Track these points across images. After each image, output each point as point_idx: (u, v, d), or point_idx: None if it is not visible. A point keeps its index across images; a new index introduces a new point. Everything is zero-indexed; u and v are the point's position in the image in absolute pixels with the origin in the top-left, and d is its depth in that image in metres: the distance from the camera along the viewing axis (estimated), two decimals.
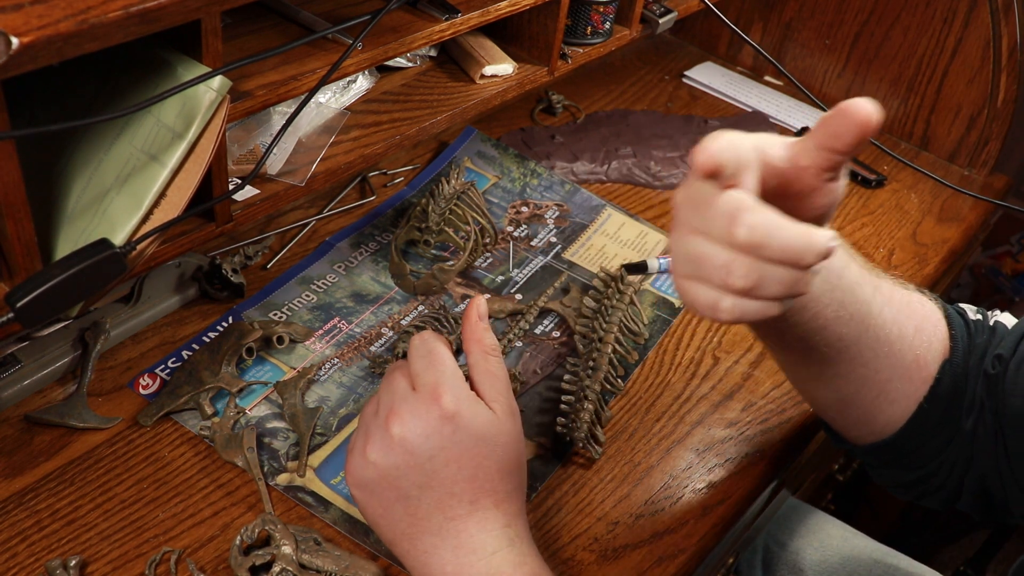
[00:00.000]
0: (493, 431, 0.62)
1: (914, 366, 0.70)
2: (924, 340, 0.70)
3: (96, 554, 0.67)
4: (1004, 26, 1.17)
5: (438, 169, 1.09)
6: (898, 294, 0.70)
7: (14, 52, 0.48)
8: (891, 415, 0.72)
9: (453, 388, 0.61)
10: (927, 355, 0.70)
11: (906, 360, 0.70)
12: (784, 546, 1.04)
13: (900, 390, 0.71)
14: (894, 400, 0.71)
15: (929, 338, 0.70)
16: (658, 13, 1.09)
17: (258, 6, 0.78)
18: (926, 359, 0.70)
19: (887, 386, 0.70)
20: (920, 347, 0.70)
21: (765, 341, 0.73)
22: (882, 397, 0.71)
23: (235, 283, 0.87)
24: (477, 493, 0.61)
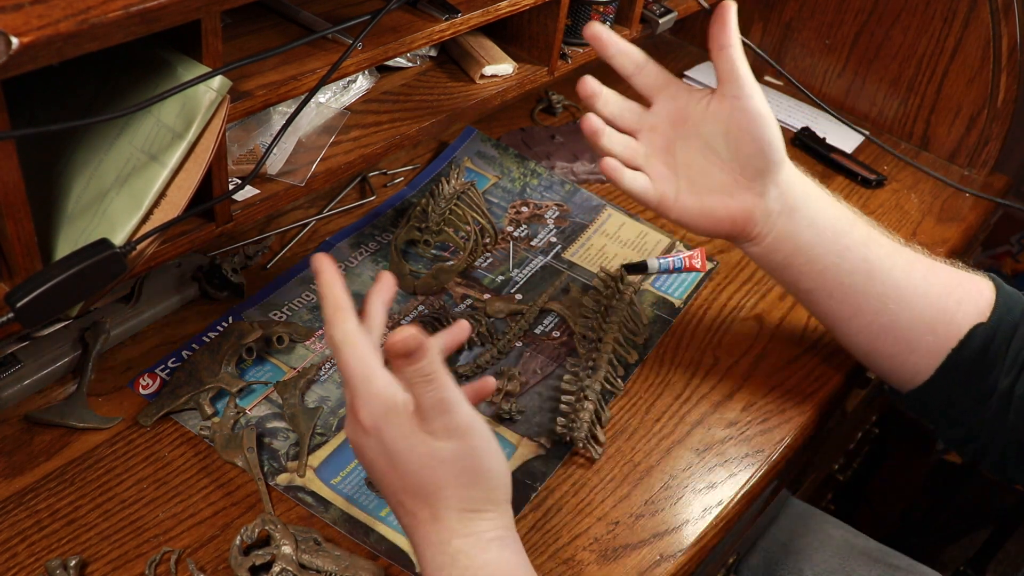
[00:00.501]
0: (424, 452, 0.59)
1: (939, 320, 0.78)
2: (954, 300, 0.78)
3: (96, 554, 0.67)
4: (1004, 26, 1.17)
5: (438, 169, 1.09)
6: (924, 261, 0.80)
7: (14, 52, 0.48)
8: (916, 363, 0.80)
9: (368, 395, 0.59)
10: (956, 313, 0.78)
11: (927, 314, 0.78)
12: (784, 546, 1.04)
13: (922, 340, 0.79)
14: (915, 349, 0.79)
15: (961, 300, 0.78)
16: (658, 13, 1.09)
17: (258, 6, 0.78)
18: (954, 316, 0.78)
19: (907, 334, 0.79)
20: (948, 305, 0.78)
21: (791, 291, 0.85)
22: (903, 344, 0.80)
23: (235, 283, 0.87)
24: (416, 504, 0.60)
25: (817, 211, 0.79)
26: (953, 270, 0.81)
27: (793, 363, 0.91)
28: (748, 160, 0.77)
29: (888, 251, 0.79)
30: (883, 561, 1.03)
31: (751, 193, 0.78)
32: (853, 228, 0.79)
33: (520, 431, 0.81)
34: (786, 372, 0.90)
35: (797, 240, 0.79)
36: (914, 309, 0.78)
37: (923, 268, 0.79)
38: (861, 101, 1.35)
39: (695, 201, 0.80)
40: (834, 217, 0.79)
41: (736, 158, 0.77)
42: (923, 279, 0.79)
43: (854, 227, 0.79)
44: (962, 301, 0.78)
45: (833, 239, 0.78)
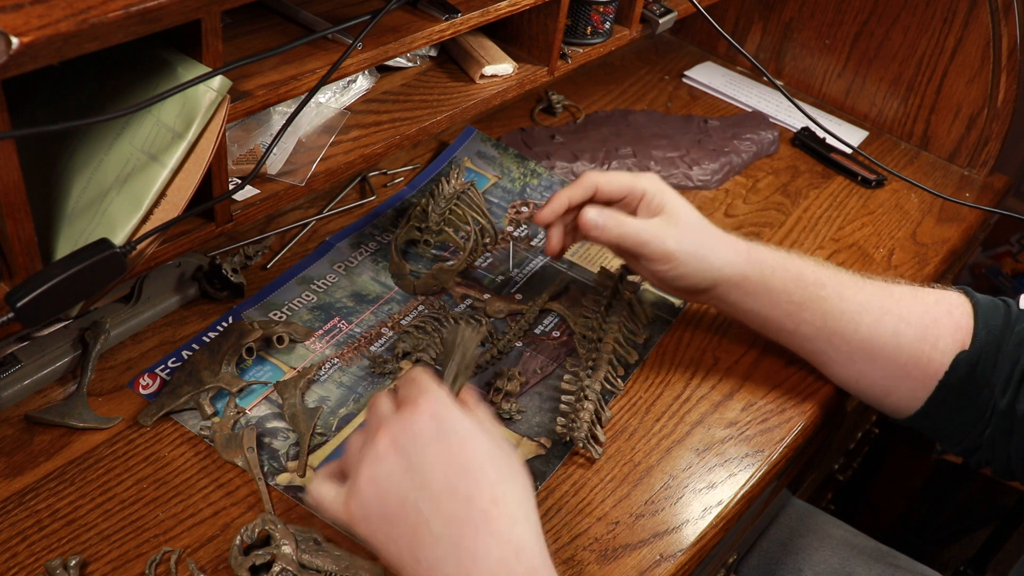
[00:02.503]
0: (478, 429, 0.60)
1: (912, 365, 0.80)
2: (929, 344, 0.79)
3: (96, 554, 0.67)
4: (1004, 26, 1.17)
5: (438, 169, 1.09)
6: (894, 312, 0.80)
7: (14, 52, 0.48)
8: (898, 403, 0.82)
9: (434, 395, 0.60)
10: (933, 353, 0.79)
11: (900, 361, 0.80)
12: (784, 546, 1.04)
13: (899, 386, 0.81)
14: (892, 392, 0.82)
15: (938, 339, 0.79)
16: (658, 13, 1.09)
17: (258, 6, 0.78)
18: (931, 356, 0.79)
19: (882, 382, 0.82)
20: (923, 349, 0.79)
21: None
22: (879, 390, 0.83)
23: (235, 283, 0.87)
24: (472, 488, 0.57)
25: (759, 306, 0.83)
26: (930, 308, 0.81)
27: (793, 363, 0.91)
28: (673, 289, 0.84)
29: (852, 314, 0.80)
30: (883, 561, 1.03)
31: (686, 293, 0.85)
32: (806, 310, 0.81)
33: (520, 431, 0.81)
34: (786, 372, 0.90)
35: (745, 318, 0.86)
36: (886, 362, 0.81)
37: (892, 321, 0.80)
38: (861, 101, 1.35)
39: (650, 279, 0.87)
40: (785, 303, 0.81)
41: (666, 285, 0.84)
42: (892, 333, 0.80)
43: (808, 308, 0.81)
44: (939, 340, 0.79)
45: (783, 320, 0.82)
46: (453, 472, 0.57)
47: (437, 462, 0.57)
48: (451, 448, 0.58)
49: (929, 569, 1.04)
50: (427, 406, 0.59)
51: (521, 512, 0.58)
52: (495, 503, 0.57)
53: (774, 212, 1.14)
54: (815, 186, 1.20)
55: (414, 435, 0.58)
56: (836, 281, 0.81)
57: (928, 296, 0.82)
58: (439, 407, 0.59)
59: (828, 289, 0.81)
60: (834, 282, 0.81)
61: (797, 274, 0.81)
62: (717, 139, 1.22)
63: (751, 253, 0.82)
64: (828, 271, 0.82)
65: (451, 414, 0.59)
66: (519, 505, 0.58)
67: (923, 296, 0.82)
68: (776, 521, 1.07)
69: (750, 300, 0.82)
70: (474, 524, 0.56)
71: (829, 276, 0.82)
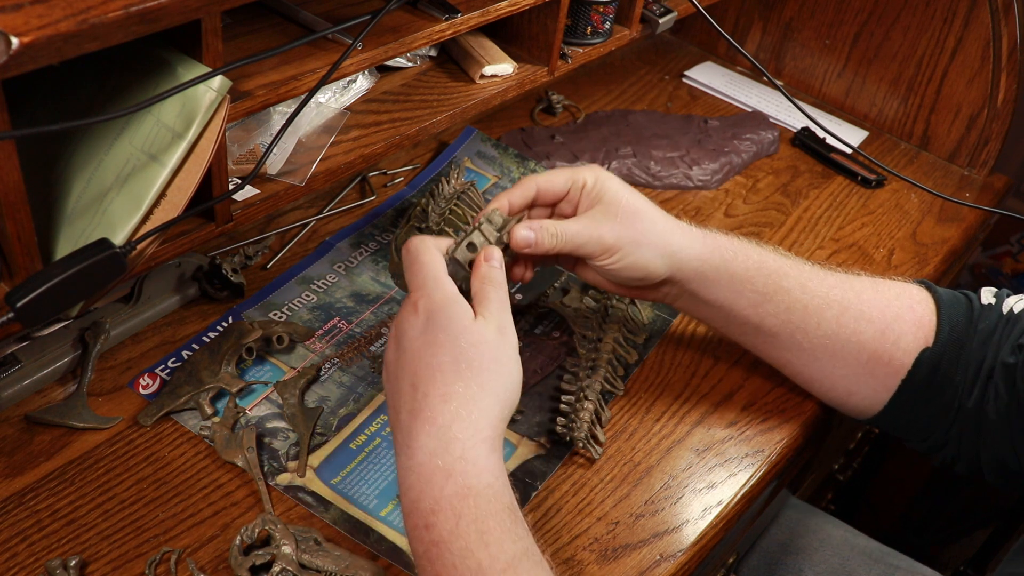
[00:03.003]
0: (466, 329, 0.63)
1: (875, 363, 0.79)
2: (890, 340, 0.78)
3: (96, 554, 0.67)
4: (1004, 26, 1.17)
5: (438, 169, 1.09)
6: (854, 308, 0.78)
7: (14, 52, 0.48)
8: (860, 403, 0.82)
9: (430, 287, 0.65)
10: (894, 351, 0.78)
11: (862, 359, 0.79)
12: (784, 546, 1.04)
13: (861, 383, 0.80)
14: (855, 392, 0.81)
15: (900, 336, 0.78)
16: (658, 13, 1.09)
17: (258, 6, 0.78)
18: (892, 355, 0.78)
19: (844, 381, 0.81)
20: (885, 346, 0.78)
21: None
22: (841, 390, 0.82)
23: (235, 283, 0.87)
24: (428, 385, 0.61)
25: (721, 295, 0.78)
26: (891, 303, 0.79)
27: None
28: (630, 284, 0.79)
29: (814, 308, 0.78)
30: (883, 561, 1.03)
31: (644, 290, 0.80)
32: (769, 301, 0.78)
33: (520, 431, 0.81)
34: None
35: (705, 314, 0.82)
36: (846, 361, 0.79)
37: (853, 317, 0.78)
38: (861, 101, 1.35)
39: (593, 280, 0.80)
40: (749, 292, 0.78)
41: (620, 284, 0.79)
42: (853, 331, 0.78)
43: (771, 300, 0.78)
44: (901, 337, 0.78)
45: (747, 312, 0.79)
46: (419, 368, 0.62)
47: (414, 356, 0.63)
48: (427, 344, 0.63)
49: (929, 569, 1.04)
50: (421, 301, 0.64)
51: (466, 409, 0.61)
52: (443, 400, 0.61)
53: (774, 212, 1.14)
54: (815, 186, 1.20)
55: (405, 329, 0.64)
56: (797, 272, 0.79)
57: (889, 291, 0.80)
58: (428, 303, 0.64)
59: (791, 280, 0.78)
60: (795, 272, 0.79)
61: (759, 261, 0.78)
62: (717, 139, 1.22)
63: (708, 238, 0.78)
64: (789, 261, 0.79)
65: (438, 311, 0.64)
66: (467, 402, 0.61)
67: (884, 290, 0.80)
68: (776, 521, 1.07)
69: (712, 289, 0.78)
70: (421, 418, 0.61)
71: (791, 266, 0.79)
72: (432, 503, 0.58)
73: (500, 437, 0.63)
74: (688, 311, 0.83)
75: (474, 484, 0.59)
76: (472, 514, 0.58)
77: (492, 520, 0.58)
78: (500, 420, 0.63)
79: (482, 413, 0.61)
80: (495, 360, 0.63)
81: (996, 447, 0.77)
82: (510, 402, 0.64)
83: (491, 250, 0.69)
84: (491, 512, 0.58)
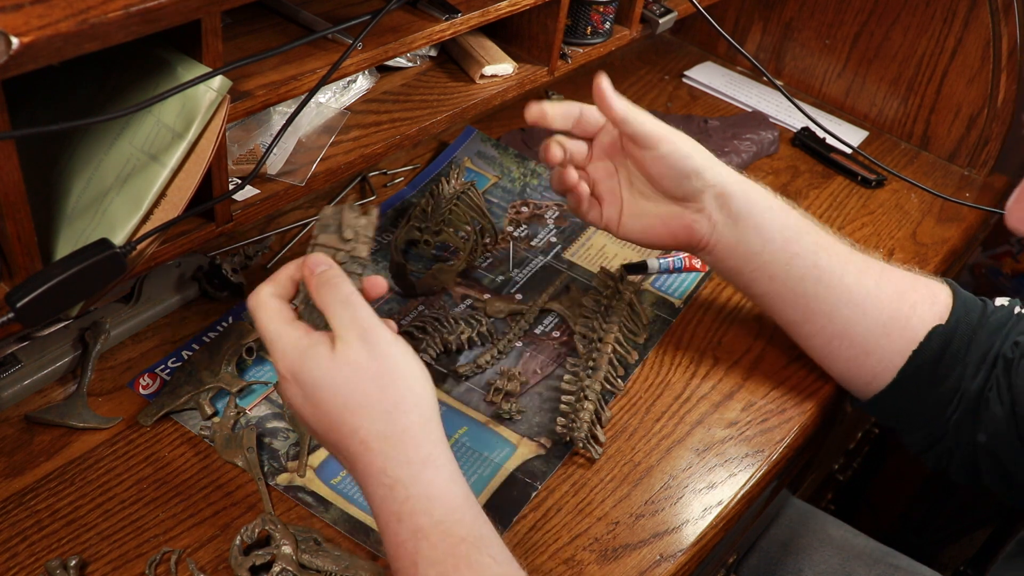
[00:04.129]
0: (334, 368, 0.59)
1: (894, 325, 0.80)
2: (908, 304, 0.80)
3: (96, 554, 0.67)
4: (1004, 26, 1.17)
5: (438, 169, 1.09)
6: (876, 267, 0.82)
7: (14, 52, 0.48)
8: (874, 367, 0.82)
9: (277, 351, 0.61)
10: (911, 317, 0.80)
11: (881, 318, 0.80)
12: (784, 546, 1.04)
13: (878, 344, 0.81)
14: (872, 352, 0.81)
15: (916, 303, 0.80)
16: (658, 13, 1.09)
17: (258, 6, 0.78)
18: (910, 320, 0.80)
19: (862, 339, 0.81)
20: (903, 309, 0.80)
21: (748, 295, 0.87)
22: (858, 348, 0.82)
23: (235, 283, 0.87)
24: (341, 438, 0.60)
25: (763, 219, 0.80)
26: (908, 274, 0.83)
27: (793, 363, 0.91)
28: (677, 189, 0.80)
29: (840, 258, 0.81)
30: (883, 561, 1.03)
31: (688, 210, 0.81)
32: (803, 235, 0.81)
33: (520, 431, 0.81)
34: (786, 372, 0.90)
35: (745, 247, 0.81)
36: (867, 314, 0.80)
37: (875, 274, 0.81)
38: (861, 101, 1.35)
39: (636, 222, 0.83)
40: (782, 225, 0.81)
41: (666, 191, 0.81)
42: (875, 284, 0.80)
43: (804, 234, 0.81)
44: (917, 304, 0.80)
45: (782, 246, 0.80)
46: (324, 427, 0.60)
47: (316, 422, 0.61)
48: (315, 406, 0.60)
49: (929, 569, 1.04)
50: (281, 368, 0.61)
51: (388, 445, 0.59)
52: (364, 445, 0.59)
53: None
54: (815, 186, 1.20)
55: (291, 403, 0.62)
56: (819, 231, 0.82)
57: (908, 271, 0.84)
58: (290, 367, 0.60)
59: (817, 231, 0.82)
60: (818, 230, 0.82)
61: (786, 206, 0.82)
62: (717, 139, 1.22)
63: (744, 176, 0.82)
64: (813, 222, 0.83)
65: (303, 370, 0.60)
66: (383, 438, 0.59)
67: (903, 270, 0.84)
68: (776, 521, 1.07)
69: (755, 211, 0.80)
70: (360, 469, 0.60)
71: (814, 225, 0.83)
72: (392, 550, 0.58)
73: (439, 444, 0.60)
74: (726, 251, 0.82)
75: (423, 524, 0.57)
76: (427, 557, 0.57)
77: (450, 560, 0.56)
78: (425, 427, 0.60)
79: (405, 435, 0.59)
80: (381, 375, 0.59)
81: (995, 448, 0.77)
82: (426, 400, 0.61)
83: (311, 258, 0.64)
84: (447, 550, 0.57)
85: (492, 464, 0.77)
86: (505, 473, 0.77)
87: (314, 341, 0.60)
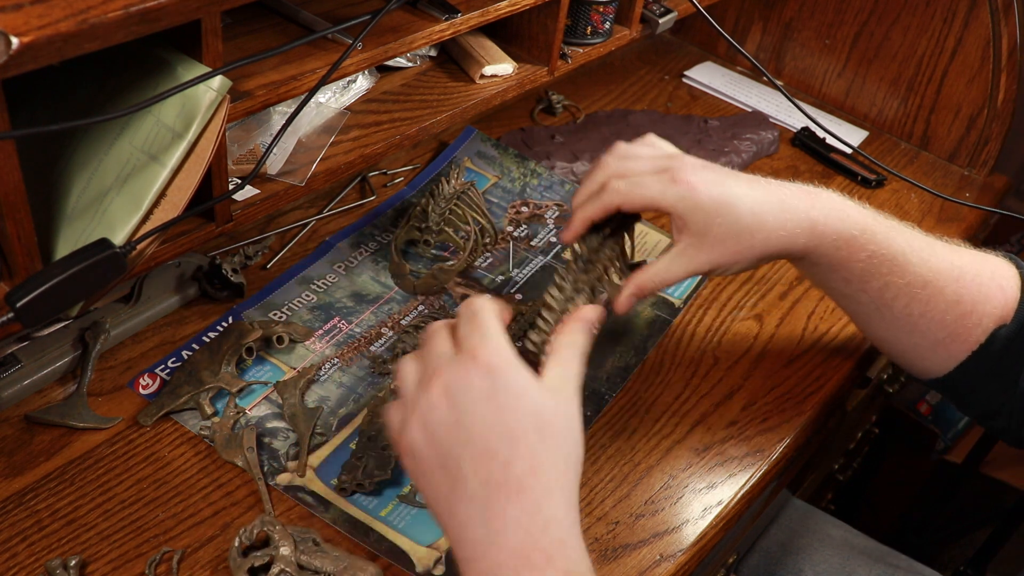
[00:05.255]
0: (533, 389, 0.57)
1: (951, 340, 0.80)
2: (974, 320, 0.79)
3: (96, 554, 0.67)
4: (1004, 26, 1.17)
5: (438, 169, 1.09)
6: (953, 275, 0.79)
7: (14, 52, 0.48)
8: (928, 366, 0.83)
9: (494, 346, 0.58)
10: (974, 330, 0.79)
11: (940, 336, 0.80)
12: (784, 546, 1.04)
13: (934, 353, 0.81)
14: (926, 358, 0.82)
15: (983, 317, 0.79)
16: (658, 13, 1.09)
17: (258, 6, 0.78)
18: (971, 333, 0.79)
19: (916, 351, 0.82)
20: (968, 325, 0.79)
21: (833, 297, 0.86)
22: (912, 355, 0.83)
23: (235, 283, 0.87)
24: (512, 454, 0.55)
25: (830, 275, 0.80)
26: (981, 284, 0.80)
27: (793, 363, 0.91)
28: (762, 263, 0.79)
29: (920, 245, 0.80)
30: (883, 561, 1.03)
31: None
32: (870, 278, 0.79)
33: None
34: (786, 372, 0.90)
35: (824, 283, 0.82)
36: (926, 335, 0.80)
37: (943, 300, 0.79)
38: (861, 101, 1.35)
39: None
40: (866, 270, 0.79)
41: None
42: (941, 310, 0.79)
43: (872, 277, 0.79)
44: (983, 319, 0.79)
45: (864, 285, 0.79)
46: (496, 434, 0.56)
47: (484, 421, 0.56)
48: (500, 408, 0.56)
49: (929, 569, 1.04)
50: (485, 358, 0.57)
51: (558, 484, 0.56)
52: (532, 472, 0.55)
53: None
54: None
55: (467, 389, 0.56)
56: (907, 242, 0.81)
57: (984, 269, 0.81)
58: (497, 360, 0.57)
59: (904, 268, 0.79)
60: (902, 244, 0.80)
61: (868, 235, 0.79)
62: (717, 139, 1.22)
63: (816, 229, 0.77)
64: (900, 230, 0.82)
65: (507, 370, 0.57)
66: (558, 476, 0.56)
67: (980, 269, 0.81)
68: (776, 521, 1.08)
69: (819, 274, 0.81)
70: (507, 491, 0.55)
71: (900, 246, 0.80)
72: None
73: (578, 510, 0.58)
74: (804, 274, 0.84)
75: (573, 571, 0.55)
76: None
77: None
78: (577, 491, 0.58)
79: (570, 486, 0.57)
80: (567, 426, 0.58)
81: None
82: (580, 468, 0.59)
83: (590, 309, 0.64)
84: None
85: None
86: None
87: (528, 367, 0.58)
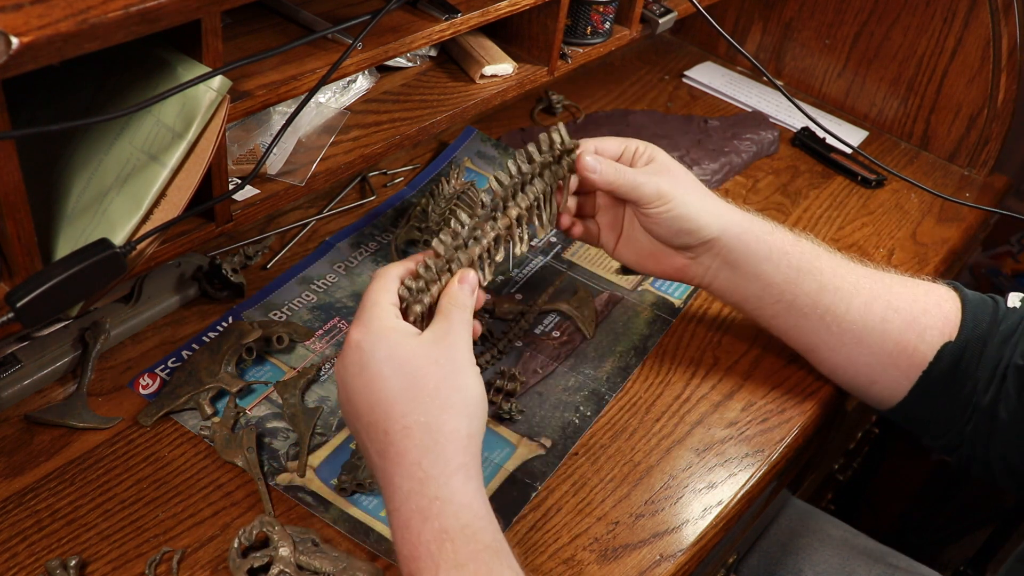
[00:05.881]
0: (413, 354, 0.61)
1: (898, 353, 0.79)
2: (916, 334, 0.79)
3: (96, 554, 0.67)
4: (1004, 26, 1.17)
5: (438, 169, 1.09)
6: (883, 298, 0.80)
7: (14, 52, 0.48)
8: (881, 392, 0.82)
9: (365, 318, 0.63)
10: (919, 344, 0.79)
11: (887, 349, 0.80)
12: (784, 546, 1.04)
13: (884, 372, 0.81)
14: (877, 380, 0.82)
15: (925, 330, 0.79)
16: (658, 13, 1.09)
17: (258, 6, 0.78)
18: (916, 346, 0.79)
19: (868, 369, 0.81)
20: (910, 339, 0.79)
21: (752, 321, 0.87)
22: (864, 378, 0.82)
23: (235, 283, 0.87)
24: (386, 421, 0.60)
25: (761, 268, 0.80)
26: (916, 296, 0.81)
27: (793, 363, 0.91)
28: (673, 241, 0.80)
29: (844, 294, 0.79)
30: (883, 561, 1.03)
31: (683, 257, 0.81)
32: (804, 278, 0.79)
33: (520, 431, 0.81)
34: (786, 372, 0.90)
35: (743, 291, 0.82)
36: (872, 347, 0.80)
37: (882, 306, 0.79)
38: (861, 101, 1.35)
39: (632, 252, 0.84)
40: (783, 269, 0.79)
41: (662, 240, 0.81)
42: (881, 319, 0.79)
43: (806, 276, 0.80)
44: (926, 330, 0.79)
45: (781, 289, 0.80)
46: (369, 405, 0.61)
47: (360, 396, 0.61)
48: (370, 380, 0.61)
49: (929, 569, 1.04)
50: (354, 335, 0.62)
51: (433, 439, 0.59)
52: (406, 434, 0.59)
53: (774, 212, 1.14)
54: (815, 186, 1.20)
55: (344, 368, 0.63)
56: (829, 256, 0.81)
57: (918, 287, 0.82)
58: (362, 334, 0.62)
59: (823, 260, 0.80)
60: (827, 256, 0.81)
61: (794, 239, 0.81)
62: (717, 139, 1.22)
63: (746, 212, 0.81)
64: (821, 245, 0.82)
65: (374, 342, 0.62)
66: (434, 432, 0.59)
67: (913, 286, 0.82)
68: (776, 521, 1.08)
69: (752, 259, 0.79)
70: (391, 457, 0.59)
71: (822, 250, 0.81)
72: (411, 549, 0.57)
73: (475, 458, 0.61)
74: (722, 291, 0.83)
75: (451, 526, 0.57)
76: (451, 559, 0.56)
77: (472, 564, 0.56)
78: (469, 439, 0.61)
79: (449, 439, 0.59)
80: (448, 376, 0.61)
81: (1006, 449, 0.77)
82: (477, 417, 0.62)
83: (467, 273, 0.67)
84: (471, 555, 0.56)
85: (492, 464, 0.77)
86: (505, 473, 0.77)
87: (406, 326, 0.63)
